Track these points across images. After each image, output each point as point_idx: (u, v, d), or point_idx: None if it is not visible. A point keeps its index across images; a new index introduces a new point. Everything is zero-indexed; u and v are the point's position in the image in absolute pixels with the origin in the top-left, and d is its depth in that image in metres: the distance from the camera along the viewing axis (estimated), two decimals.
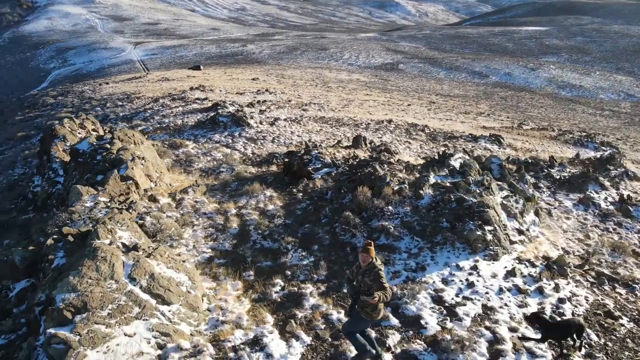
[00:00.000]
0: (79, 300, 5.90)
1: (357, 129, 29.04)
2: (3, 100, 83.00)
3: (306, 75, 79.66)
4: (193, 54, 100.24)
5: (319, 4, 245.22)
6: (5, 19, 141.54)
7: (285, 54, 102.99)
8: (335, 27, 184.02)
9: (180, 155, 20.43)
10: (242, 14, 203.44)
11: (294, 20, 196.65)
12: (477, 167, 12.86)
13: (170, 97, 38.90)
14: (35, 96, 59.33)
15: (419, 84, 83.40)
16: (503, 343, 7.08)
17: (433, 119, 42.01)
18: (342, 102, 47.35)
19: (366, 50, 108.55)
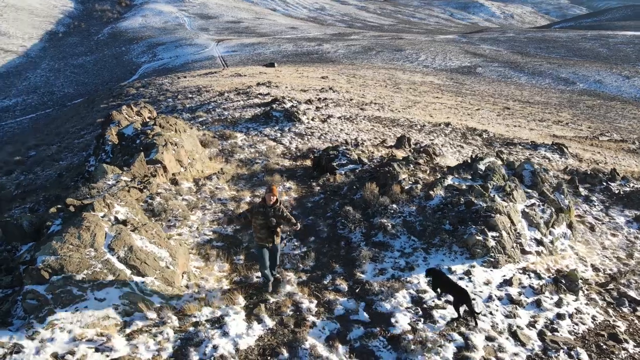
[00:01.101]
0: (57, 263, 6.48)
1: (410, 130, 28.53)
2: (97, 89, 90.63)
3: (378, 76, 79.20)
4: (270, 52, 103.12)
5: (399, 5, 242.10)
6: (106, 16, 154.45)
7: (360, 54, 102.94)
8: (414, 28, 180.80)
9: (226, 145, 21.24)
10: (320, 13, 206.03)
11: (371, 20, 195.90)
12: (502, 172, 12.25)
13: (236, 92, 40.46)
14: (123, 87, 64.10)
15: (497, 88, 79.81)
16: (474, 351, 6.77)
17: (499, 124, 40.20)
18: (407, 103, 46.67)
19: (443, 53, 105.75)
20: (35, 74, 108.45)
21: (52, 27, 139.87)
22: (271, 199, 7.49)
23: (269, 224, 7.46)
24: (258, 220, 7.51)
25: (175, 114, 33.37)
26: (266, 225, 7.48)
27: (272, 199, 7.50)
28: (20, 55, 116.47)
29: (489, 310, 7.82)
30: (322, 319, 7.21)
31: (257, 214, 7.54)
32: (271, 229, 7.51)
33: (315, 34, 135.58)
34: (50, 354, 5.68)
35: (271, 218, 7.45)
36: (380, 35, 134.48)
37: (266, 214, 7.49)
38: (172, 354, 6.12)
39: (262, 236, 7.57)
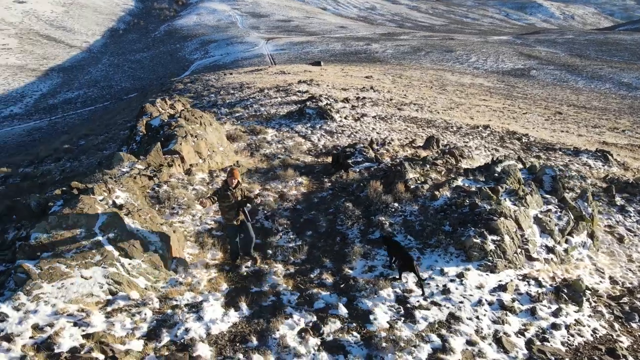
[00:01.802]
0: (48, 241, 6.88)
1: (445, 132, 27.94)
2: (151, 84, 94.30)
3: (425, 77, 77.92)
4: (318, 51, 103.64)
5: (452, 5, 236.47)
6: (163, 14, 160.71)
7: (409, 54, 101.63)
8: (466, 28, 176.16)
9: (254, 140, 21.62)
10: (371, 13, 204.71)
11: (423, 20, 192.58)
12: (518, 175, 11.80)
13: (276, 89, 41.03)
14: (173, 82, 66.39)
15: (551, 92, 76.61)
16: (450, 354, 6.60)
17: (545, 129, 38.60)
18: (449, 104, 45.73)
19: (496, 54, 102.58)
20: (97, 69, 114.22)
21: (113, 24, 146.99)
22: (232, 181, 8.29)
23: (234, 204, 8.26)
24: (225, 203, 8.25)
25: (214, 109, 34.34)
26: (232, 206, 8.25)
27: (234, 181, 8.30)
28: (83, 50, 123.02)
29: (475, 315, 7.59)
30: (300, 311, 7.25)
31: (224, 196, 8.24)
32: (237, 208, 8.29)
33: (364, 33, 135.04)
34: (31, 324, 6.04)
35: (236, 197, 8.29)
36: (431, 35, 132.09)
37: (231, 195, 8.25)
38: (145, 334, 6.35)
39: (230, 216, 8.37)
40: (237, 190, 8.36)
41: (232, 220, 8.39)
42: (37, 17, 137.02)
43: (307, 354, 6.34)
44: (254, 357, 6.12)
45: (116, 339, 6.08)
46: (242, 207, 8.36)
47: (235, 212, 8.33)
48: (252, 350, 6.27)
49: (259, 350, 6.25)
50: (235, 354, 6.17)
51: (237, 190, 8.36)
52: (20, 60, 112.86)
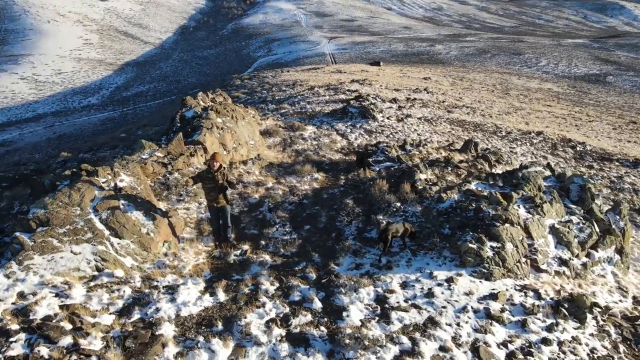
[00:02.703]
0: (44, 216, 7.39)
1: (491, 137, 26.89)
2: (215, 80, 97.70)
3: (488, 80, 75.20)
4: (380, 51, 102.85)
5: (524, 6, 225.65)
6: (231, 12, 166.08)
7: (474, 56, 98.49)
8: (538, 30, 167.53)
9: (290, 136, 21.88)
10: (437, 13, 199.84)
11: (492, 21, 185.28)
12: (539, 182, 11.15)
13: (326, 87, 41.22)
14: (233, 78, 68.41)
15: (629, 100, 71.48)
16: (418, 357, 6.40)
17: (609, 139, 36.10)
18: (506, 109, 43.94)
19: (569, 58, 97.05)
20: (167, 64, 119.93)
21: (184, 22, 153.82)
22: (214, 165, 8.71)
23: (215, 187, 8.68)
24: (207, 185, 8.75)
25: (262, 104, 35.08)
26: (214, 188, 8.69)
27: (216, 165, 8.72)
28: (156, 46, 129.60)
29: (456, 321, 7.29)
30: (274, 301, 7.31)
31: (206, 178, 8.74)
32: (218, 191, 8.69)
33: (428, 34, 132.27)
34: (17, 292, 6.52)
35: (217, 180, 8.67)
36: (499, 37, 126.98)
37: (213, 178, 8.67)
38: (118, 310, 6.67)
39: (211, 198, 8.83)
40: (218, 174, 8.72)
41: (213, 202, 8.84)
42: (117, 15, 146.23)
43: (268, 343, 6.39)
44: (214, 340, 6.25)
45: (89, 311, 6.43)
46: (223, 191, 8.73)
47: (216, 194, 8.74)
48: (215, 334, 6.40)
49: (221, 335, 6.38)
50: (197, 336, 6.33)
51: (218, 174, 8.72)
52: (99, 54, 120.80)
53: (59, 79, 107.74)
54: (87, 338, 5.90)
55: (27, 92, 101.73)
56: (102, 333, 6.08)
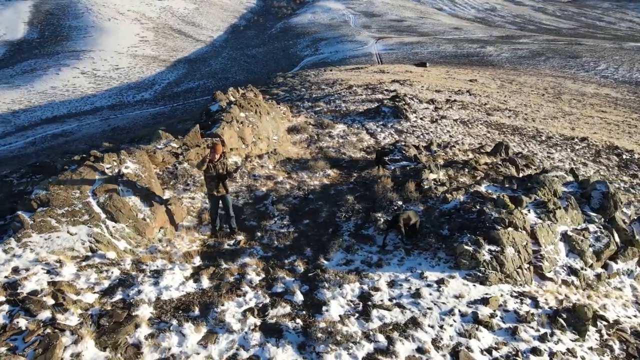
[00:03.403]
0: (45, 197, 7.77)
1: (529, 141, 25.86)
2: (260, 77, 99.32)
3: (540, 84, 72.40)
4: (428, 52, 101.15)
5: (584, 7, 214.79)
6: (281, 12, 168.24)
7: (526, 58, 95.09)
8: (598, 33, 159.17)
9: (318, 133, 21.93)
10: (490, 14, 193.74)
11: (548, 23, 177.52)
12: (555, 187, 10.63)
13: (365, 87, 40.96)
14: (277, 76, 69.30)
15: None
16: (392, 357, 6.25)
17: None
18: (553, 114, 42.17)
19: (631, 62, 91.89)
20: (217, 62, 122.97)
21: (235, 20, 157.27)
22: (215, 156, 8.84)
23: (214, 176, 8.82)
24: (207, 174, 8.85)
25: (298, 102, 35.33)
26: (214, 177, 8.81)
27: (216, 155, 8.86)
28: (207, 44, 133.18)
29: (440, 323, 7.07)
30: (256, 291, 7.35)
31: (206, 168, 8.81)
32: (218, 180, 8.83)
33: (479, 35, 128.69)
34: (12, 267, 6.89)
35: (217, 170, 8.84)
36: (555, 39, 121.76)
37: (214, 167, 8.81)
38: (103, 290, 6.91)
39: (211, 186, 8.92)
40: (218, 164, 8.87)
41: (213, 190, 8.94)
42: (172, 13, 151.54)
43: (239, 331, 6.44)
44: (187, 324, 6.36)
45: (75, 289, 6.70)
46: (222, 180, 8.87)
47: (215, 183, 8.87)
48: (190, 319, 6.51)
49: (195, 320, 6.48)
50: (172, 319, 6.46)
51: (218, 164, 8.87)
52: (154, 51, 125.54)
53: (116, 74, 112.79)
54: (65, 314, 6.15)
55: (87, 86, 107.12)
56: (81, 310, 6.32)
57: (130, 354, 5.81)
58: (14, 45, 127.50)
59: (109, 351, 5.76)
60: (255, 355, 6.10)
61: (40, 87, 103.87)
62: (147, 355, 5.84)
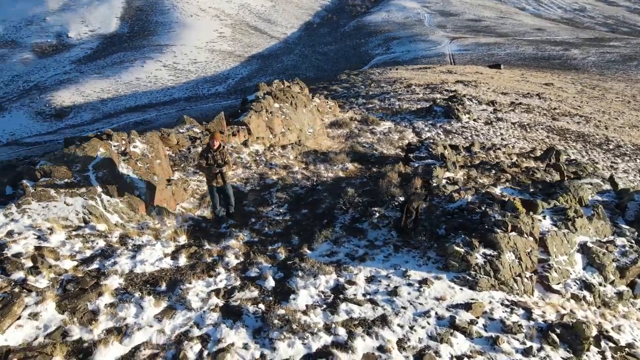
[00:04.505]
0: (48, 169, 8.25)
1: (594, 149, 24.00)
2: (330, 75, 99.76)
3: (628, 90, 66.93)
4: (505, 53, 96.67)
5: None
6: (355, 10, 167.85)
7: (616, 63, 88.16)
8: None
9: (360, 129, 21.66)
10: (578, 14, 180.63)
11: None
12: (581, 194, 9.70)
13: (425, 86, 39.88)
14: (342, 73, 69.29)
15: None
16: (347, 351, 6.00)
17: None
18: (635, 122, 38.76)
19: None
20: (288, 58, 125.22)
21: (309, 18, 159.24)
22: (214, 144, 8.70)
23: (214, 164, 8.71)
24: (205, 163, 8.73)
25: (352, 98, 35.10)
26: (211, 167, 8.70)
27: (215, 144, 8.72)
28: (280, 41, 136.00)
29: (412, 324, 6.67)
30: (229, 273, 7.35)
31: (205, 157, 8.71)
32: (217, 169, 8.73)
33: (564, 37, 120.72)
34: (7, 230, 7.36)
35: (216, 159, 8.71)
36: None
37: (211, 156, 8.69)
38: (83, 258, 7.20)
39: (210, 177, 8.82)
40: (217, 154, 8.78)
41: (212, 181, 8.94)
42: (250, 10, 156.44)
43: (198, 309, 6.46)
44: (148, 297, 6.47)
45: (56, 255, 7.04)
46: (220, 170, 8.75)
47: (213, 174, 8.81)
48: (153, 292, 6.62)
49: (158, 294, 6.59)
50: (136, 291, 6.61)
51: (217, 154, 8.78)
52: (230, 47, 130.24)
53: (194, 68, 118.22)
54: (37, 276, 6.47)
55: (167, 79, 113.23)
56: (54, 275, 6.63)
57: (86, 319, 6.00)
58: (107, 39, 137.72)
59: (66, 314, 5.99)
60: (207, 334, 6.09)
61: (126, 78, 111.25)
62: (102, 323, 6.01)
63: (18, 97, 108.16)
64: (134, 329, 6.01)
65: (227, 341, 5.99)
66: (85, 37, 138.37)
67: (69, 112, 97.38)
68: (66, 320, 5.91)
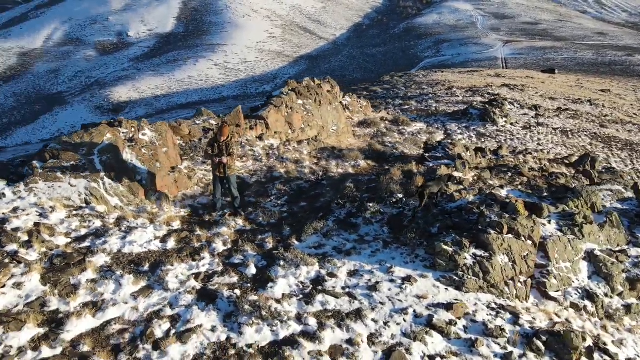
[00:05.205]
0: (57, 152, 8.70)
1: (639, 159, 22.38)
2: (376, 77, 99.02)
3: None
4: (562, 58, 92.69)
5: None
6: (405, 12, 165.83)
7: None
8: None
9: (389, 129, 21.42)
10: None
11: None
12: (594, 200, 9.17)
13: (467, 89, 38.89)
14: (386, 75, 68.64)
15: None
16: (315, 342, 5.97)
17: None
18: None
19: None
20: (336, 59, 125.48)
21: (359, 20, 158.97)
22: (220, 137, 8.92)
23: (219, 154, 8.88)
24: (210, 152, 8.95)
25: (389, 99, 34.77)
26: (218, 156, 8.87)
27: (222, 138, 8.92)
28: (329, 42, 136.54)
29: (387, 320, 6.54)
30: (213, 259, 7.49)
31: (212, 146, 8.91)
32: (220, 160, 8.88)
33: (628, 42, 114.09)
34: (13, 207, 7.83)
35: (221, 150, 8.88)
36: None
37: (217, 146, 8.85)
38: (77, 237, 7.55)
39: (214, 167, 8.96)
40: (222, 145, 8.93)
41: (215, 171, 9.07)
42: (300, 11, 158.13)
43: (174, 290, 6.62)
44: (128, 276, 6.71)
45: (52, 232, 7.42)
46: (218, 160, 8.86)
47: (217, 164, 8.94)
48: (135, 272, 6.85)
49: (138, 274, 6.81)
50: (119, 270, 6.85)
51: (222, 145, 8.93)
52: (280, 47, 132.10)
53: (244, 67, 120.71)
54: (29, 250, 6.86)
55: (217, 77, 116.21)
56: (46, 249, 6.99)
57: (66, 292, 6.29)
58: (163, 38, 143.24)
59: (48, 286, 6.31)
60: (178, 314, 6.24)
61: (179, 76, 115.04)
62: (81, 297, 6.28)
63: (80, 92, 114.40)
64: (109, 304, 6.24)
65: (196, 322, 6.11)
66: (144, 36, 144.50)
67: (125, 107, 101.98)
68: (47, 292, 6.22)
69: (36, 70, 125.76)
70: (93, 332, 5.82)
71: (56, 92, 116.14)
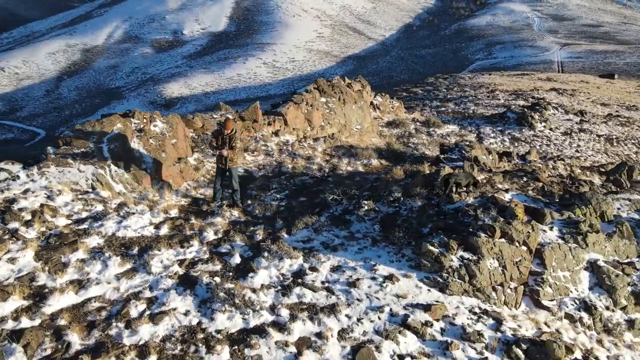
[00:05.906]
0: (70, 139, 9.20)
1: None
2: (424, 79, 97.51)
3: None
4: (624, 63, 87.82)
5: None
6: (457, 13, 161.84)
7: None
8: None
9: (417, 130, 21.12)
10: None
11: None
12: (604, 209, 8.69)
13: (511, 93, 37.63)
14: (430, 77, 67.49)
15: None
16: (284, 333, 6.03)
17: None
18: None
19: None
20: (384, 60, 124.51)
21: (409, 20, 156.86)
22: (224, 131, 9.15)
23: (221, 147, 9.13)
24: (214, 144, 9.21)
25: (427, 100, 34.22)
26: (219, 148, 9.13)
27: (226, 131, 9.14)
28: (378, 42, 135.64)
29: (360, 317, 6.51)
30: (201, 247, 7.72)
31: (216, 139, 9.17)
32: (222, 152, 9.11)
33: None
34: (24, 188, 8.37)
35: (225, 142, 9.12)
36: None
37: (220, 139, 9.10)
38: (78, 219, 7.96)
39: (218, 159, 9.23)
40: (226, 138, 9.14)
41: (218, 162, 9.32)
42: (350, 12, 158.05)
43: (156, 274, 6.88)
44: (115, 258, 7.03)
45: (54, 213, 7.88)
46: (219, 152, 9.08)
47: (220, 156, 9.19)
48: (123, 255, 7.16)
49: (126, 256, 7.12)
50: (108, 252, 7.18)
51: (226, 138, 9.14)
52: (328, 47, 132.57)
53: (291, 66, 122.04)
54: (29, 228, 7.31)
55: (265, 75, 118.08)
56: (45, 229, 7.43)
57: (55, 269, 6.67)
58: (215, 36, 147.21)
59: (40, 263, 6.71)
60: (156, 297, 6.48)
61: (229, 74, 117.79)
62: (68, 274, 6.65)
63: (136, 87, 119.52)
64: (92, 283, 6.57)
65: (171, 305, 6.32)
66: (197, 34, 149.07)
67: (177, 102, 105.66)
68: (38, 268, 6.62)
69: (97, 65, 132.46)
70: (73, 307, 6.13)
71: (114, 87, 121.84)
